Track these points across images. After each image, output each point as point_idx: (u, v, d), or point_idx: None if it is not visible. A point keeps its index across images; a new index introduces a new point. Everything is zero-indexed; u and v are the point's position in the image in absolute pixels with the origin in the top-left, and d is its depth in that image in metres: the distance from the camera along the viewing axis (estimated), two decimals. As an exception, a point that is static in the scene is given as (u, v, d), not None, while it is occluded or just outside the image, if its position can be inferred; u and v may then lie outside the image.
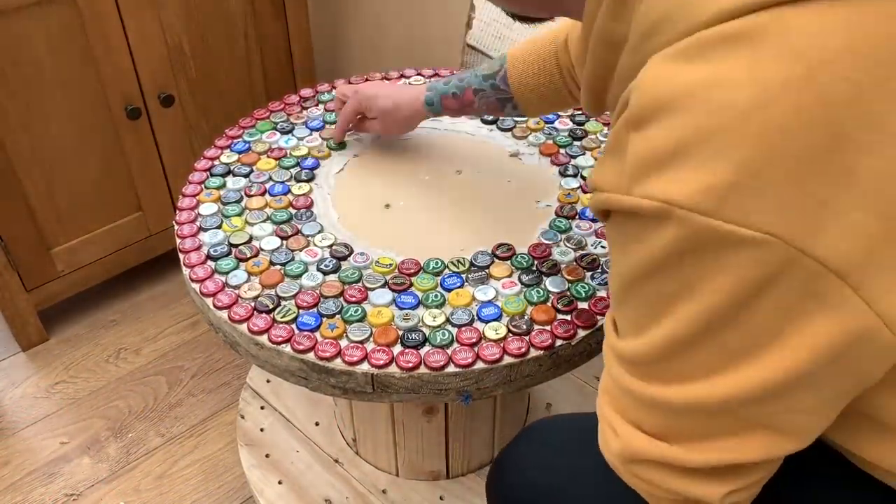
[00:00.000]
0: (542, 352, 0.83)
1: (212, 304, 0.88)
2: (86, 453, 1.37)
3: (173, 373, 1.51)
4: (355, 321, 0.85)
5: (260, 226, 0.98)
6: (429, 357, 0.81)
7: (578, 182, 1.05)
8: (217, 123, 1.57)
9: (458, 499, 1.15)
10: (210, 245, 0.96)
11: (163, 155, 1.53)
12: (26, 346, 1.56)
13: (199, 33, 1.47)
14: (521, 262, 0.92)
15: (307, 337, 0.84)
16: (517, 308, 0.86)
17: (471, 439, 1.13)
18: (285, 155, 1.10)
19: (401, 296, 0.88)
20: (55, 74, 1.33)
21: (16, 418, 1.43)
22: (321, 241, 0.96)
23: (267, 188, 1.04)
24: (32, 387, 1.49)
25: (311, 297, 0.88)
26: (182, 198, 1.04)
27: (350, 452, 1.22)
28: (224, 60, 1.53)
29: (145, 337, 1.58)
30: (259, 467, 1.21)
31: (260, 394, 1.31)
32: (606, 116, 1.17)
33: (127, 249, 1.58)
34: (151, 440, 1.39)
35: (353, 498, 1.16)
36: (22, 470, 1.35)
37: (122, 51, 1.38)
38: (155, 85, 1.45)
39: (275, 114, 1.18)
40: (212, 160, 1.10)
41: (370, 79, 1.26)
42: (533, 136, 1.13)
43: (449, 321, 0.85)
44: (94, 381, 1.50)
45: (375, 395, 0.84)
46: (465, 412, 1.09)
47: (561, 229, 0.97)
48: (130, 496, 1.31)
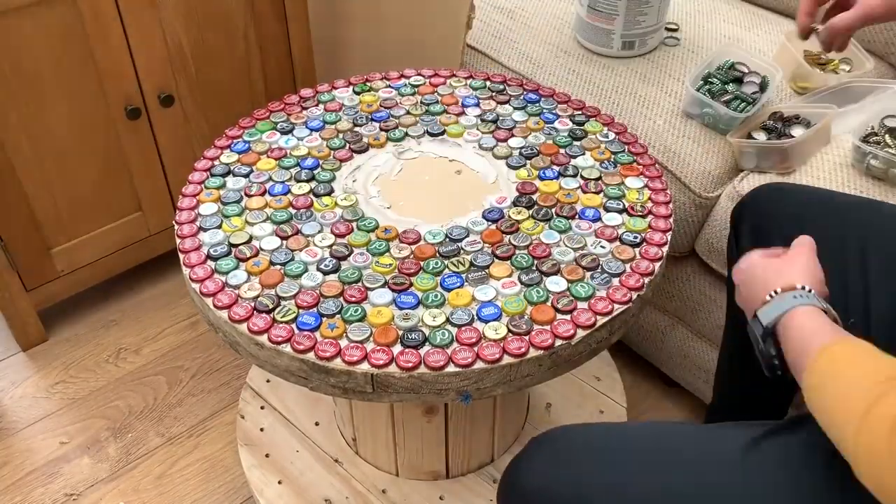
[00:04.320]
0: (541, 352, 0.83)
1: (212, 304, 0.89)
2: (86, 453, 1.37)
3: (173, 373, 1.51)
4: (355, 321, 0.86)
5: (260, 226, 0.98)
6: (428, 357, 0.81)
7: (578, 182, 1.05)
8: (217, 123, 1.57)
9: (458, 499, 1.15)
10: (210, 245, 0.96)
11: (163, 155, 1.52)
12: (26, 346, 1.56)
13: (199, 33, 1.47)
14: (521, 261, 0.92)
15: (307, 337, 0.84)
16: (517, 308, 0.86)
17: (471, 439, 1.13)
18: (285, 155, 1.10)
19: (401, 296, 0.88)
20: (55, 74, 1.33)
21: (16, 418, 1.43)
22: (321, 241, 0.96)
23: (267, 188, 1.04)
24: (32, 387, 1.49)
25: (311, 296, 0.88)
26: (182, 198, 1.04)
27: (350, 452, 1.22)
28: (224, 60, 1.53)
29: (145, 337, 1.58)
30: (259, 467, 1.21)
31: (260, 393, 1.31)
32: (606, 117, 1.17)
33: (127, 249, 1.58)
34: (151, 440, 1.39)
35: (353, 498, 1.16)
36: (22, 470, 1.35)
37: (122, 51, 1.38)
38: (155, 85, 1.45)
39: (275, 114, 1.18)
40: (212, 160, 1.10)
41: (370, 79, 1.26)
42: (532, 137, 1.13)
43: (449, 321, 0.85)
44: (94, 381, 1.50)
45: (375, 395, 0.84)
46: (465, 412, 1.09)
47: (561, 229, 0.97)
48: (130, 496, 1.31)
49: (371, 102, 1.20)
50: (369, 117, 1.17)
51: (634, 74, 1.32)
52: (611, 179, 1.05)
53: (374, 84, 1.25)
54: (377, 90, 1.23)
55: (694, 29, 1.43)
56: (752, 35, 1.42)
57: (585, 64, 1.36)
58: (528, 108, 1.18)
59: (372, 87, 1.24)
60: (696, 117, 1.22)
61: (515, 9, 1.52)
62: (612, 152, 1.09)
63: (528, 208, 1.00)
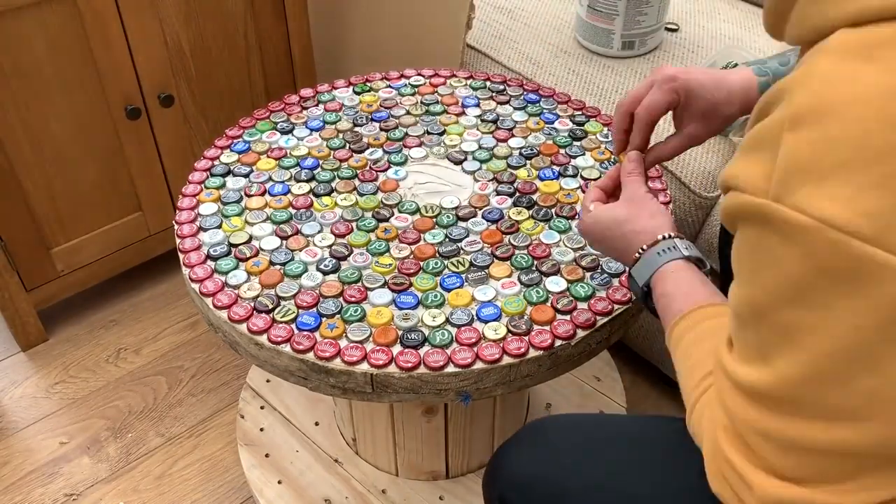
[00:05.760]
0: (541, 352, 0.83)
1: (211, 304, 0.89)
2: (85, 453, 1.37)
3: (173, 373, 1.51)
4: (355, 321, 0.85)
5: (260, 226, 0.98)
6: (428, 357, 0.81)
7: (578, 182, 1.05)
8: (217, 123, 1.57)
9: (458, 499, 1.15)
10: (210, 245, 0.96)
11: (163, 155, 1.52)
12: (26, 346, 1.56)
13: (198, 33, 1.47)
14: (521, 262, 0.92)
15: (307, 337, 0.84)
16: (517, 308, 0.86)
17: (470, 439, 1.13)
18: (285, 155, 1.10)
19: (400, 296, 0.88)
20: (55, 74, 1.33)
21: (16, 418, 1.43)
22: (321, 241, 0.96)
23: (267, 188, 1.04)
24: (32, 387, 1.49)
25: (311, 297, 0.88)
26: (182, 198, 1.04)
27: (350, 452, 1.22)
28: (224, 60, 1.53)
29: (145, 337, 1.58)
30: (259, 467, 1.21)
31: (260, 393, 1.31)
32: (606, 117, 1.17)
33: (127, 249, 1.58)
34: (151, 440, 1.39)
35: (353, 498, 1.16)
36: (22, 470, 1.35)
37: (122, 51, 1.38)
38: (155, 85, 1.45)
39: (275, 114, 1.18)
40: (212, 160, 1.10)
41: (370, 79, 1.26)
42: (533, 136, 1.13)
43: (448, 321, 0.85)
44: (93, 381, 1.50)
45: (375, 395, 0.84)
46: (464, 412, 1.09)
47: (561, 229, 0.97)
48: (130, 496, 1.31)
49: (371, 102, 1.20)
50: (369, 117, 1.17)
51: (634, 74, 1.32)
52: (611, 179, 1.05)
53: (374, 84, 1.25)
54: (377, 90, 1.23)
55: (694, 29, 1.43)
56: (752, 35, 1.42)
57: (585, 64, 1.36)
58: (528, 109, 1.18)
59: (372, 87, 1.24)
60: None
61: (515, 9, 1.52)
62: (613, 153, 1.09)
63: (528, 208, 1.00)
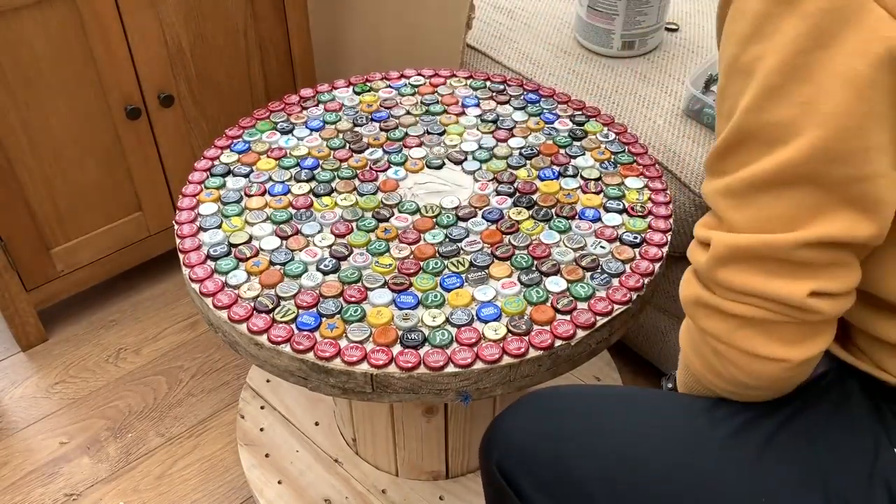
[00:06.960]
0: (541, 352, 0.83)
1: (211, 304, 0.89)
2: (85, 453, 1.37)
3: (173, 373, 1.51)
4: (355, 321, 0.85)
5: (260, 226, 0.98)
6: (428, 357, 0.81)
7: (578, 182, 1.05)
8: (217, 123, 1.57)
9: (458, 499, 1.15)
10: (210, 245, 0.96)
11: (163, 155, 1.52)
12: (26, 346, 1.56)
13: (198, 33, 1.47)
14: (521, 262, 0.92)
15: (307, 337, 0.84)
16: (517, 308, 0.86)
17: (470, 439, 1.13)
18: (285, 155, 1.10)
19: (400, 296, 0.88)
20: (55, 74, 1.33)
21: (16, 418, 1.43)
22: (321, 241, 0.96)
23: (267, 188, 1.04)
24: (32, 387, 1.49)
25: (311, 297, 0.88)
26: (182, 198, 1.04)
27: (350, 452, 1.22)
28: (224, 60, 1.53)
29: (145, 337, 1.58)
30: (259, 467, 1.21)
31: (260, 393, 1.31)
32: (606, 117, 1.17)
33: (127, 249, 1.58)
34: (151, 440, 1.39)
35: (353, 498, 1.16)
36: (22, 470, 1.35)
37: (122, 51, 1.38)
38: (155, 85, 1.45)
39: (275, 114, 1.18)
40: (212, 160, 1.10)
41: (370, 79, 1.26)
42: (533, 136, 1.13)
43: (448, 321, 0.85)
44: (93, 381, 1.50)
45: (375, 396, 0.84)
46: (464, 412, 1.09)
47: (561, 229, 0.97)
48: (130, 496, 1.31)
49: (371, 102, 1.20)
50: (369, 117, 1.17)
51: (634, 74, 1.32)
52: (611, 180, 1.05)
53: (374, 84, 1.25)
54: (377, 90, 1.23)
55: (694, 29, 1.43)
56: (752, 35, 1.41)
57: (585, 64, 1.36)
58: (528, 109, 1.18)
59: (372, 87, 1.24)
60: (696, 117, 1.22)
61: (515, 9, 1.52)
62: (613, 152, 1.09)
63: (528, 208, 1.00)
